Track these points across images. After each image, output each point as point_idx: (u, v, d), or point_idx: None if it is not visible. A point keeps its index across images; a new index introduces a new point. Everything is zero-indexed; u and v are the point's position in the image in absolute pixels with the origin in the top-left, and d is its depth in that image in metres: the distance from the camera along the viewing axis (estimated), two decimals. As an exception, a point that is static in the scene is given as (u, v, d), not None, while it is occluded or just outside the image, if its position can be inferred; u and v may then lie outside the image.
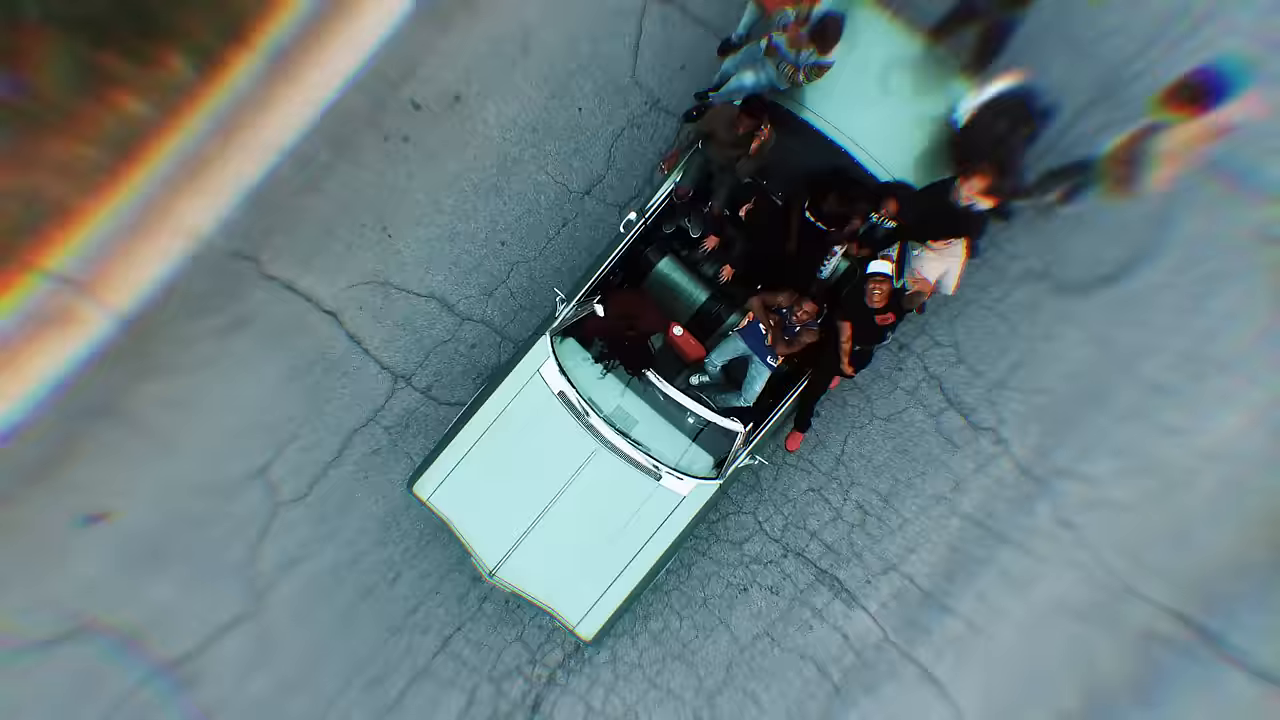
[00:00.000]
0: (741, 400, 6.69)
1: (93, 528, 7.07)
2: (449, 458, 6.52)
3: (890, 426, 7.52)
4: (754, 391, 6.67)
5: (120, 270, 7.09)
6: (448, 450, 6.53)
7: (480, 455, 6.47)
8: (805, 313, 6.37)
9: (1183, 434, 7.20)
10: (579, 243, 7.48)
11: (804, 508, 7.50)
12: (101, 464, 7.06)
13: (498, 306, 7.48)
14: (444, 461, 6.52)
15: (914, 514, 7.53)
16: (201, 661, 7.12)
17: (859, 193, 6.26)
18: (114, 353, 7.08)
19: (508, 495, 6.47)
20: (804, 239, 6.45)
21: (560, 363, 6.48)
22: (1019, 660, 7.29)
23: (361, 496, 7.48)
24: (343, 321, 7.46)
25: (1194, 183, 7.09)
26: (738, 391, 6.75)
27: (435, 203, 7.48)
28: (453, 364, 7.49)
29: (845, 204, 6.20)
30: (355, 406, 7.45)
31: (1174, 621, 7.18)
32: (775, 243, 6.50)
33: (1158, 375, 7.26)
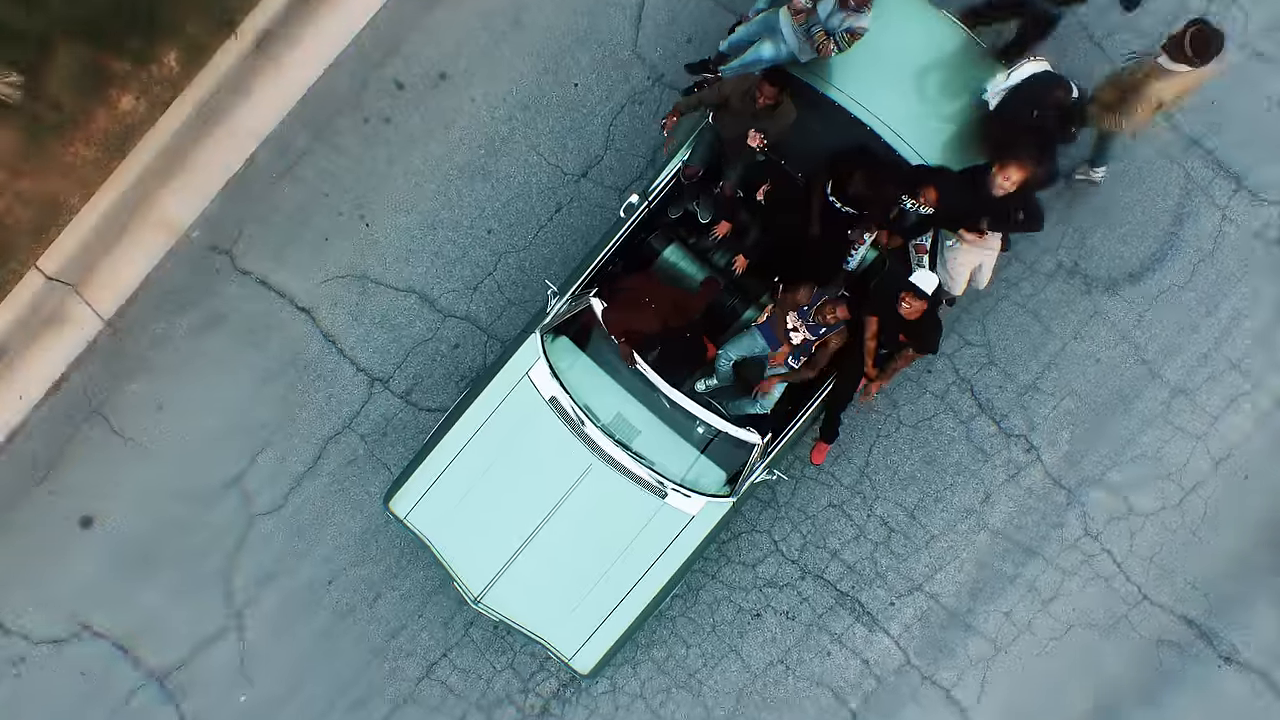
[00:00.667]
0: (758, 406, 6.01)
1: (87, 531, 6.85)
2: (427, 472, 5.89)
3: (918, 434, 6.91)
4: (771, 397, 5.99)
5: (106, 268, 6.85)
6: (426, 463, 5.91)
7: (462, 469, 5.85)
8: (835, 316, 5.68)
9: (1199, 438, 6.93)
10: (574, 230, 6.88)
11: (824, 525, 6.89)
12: (89, 466, 6.81)
13: (484, 301, 6.91)
14: (421, 476, 5.90)
15: (941, 529, 6.94)
16: (191, 671, 6.84)
17: (890, 174, 5.58)
18: (99, 352, 6.82)
19: (493, 514, 5.85)
20: (827, 224, 5.76)
21: (552, 364, 5.82)
22: (1041, 678, 6.93)
23: (337, 510, 6.98)
24: (317, 319, 6.94)
25: (1206, 179, 6.91)
26: (752, 397, 6.07)
27: (417, 188, 6.93)
28: (434, 365, 6.92)
29: (873, 185, 5.52)
30: (330, 412, 6.93)
31: (1183, 626, 6.91)
32: (794, 228, 5.81)
33: (1178, 377, 6.95)
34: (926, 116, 5.99)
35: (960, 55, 6.07)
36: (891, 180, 5.57)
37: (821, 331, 5.80)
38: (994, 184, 5.51)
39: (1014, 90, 5.80)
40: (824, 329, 5.79)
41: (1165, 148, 6.95)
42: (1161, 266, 6.95)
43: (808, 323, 5.82)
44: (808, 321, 5.82)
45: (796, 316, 5.85)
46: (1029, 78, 5.77)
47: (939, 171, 5.68)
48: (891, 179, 5.57)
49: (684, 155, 5.95)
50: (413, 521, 5.97)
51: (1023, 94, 5.76)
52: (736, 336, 6.16)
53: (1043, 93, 5.69)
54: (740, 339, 6.13)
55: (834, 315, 5.68)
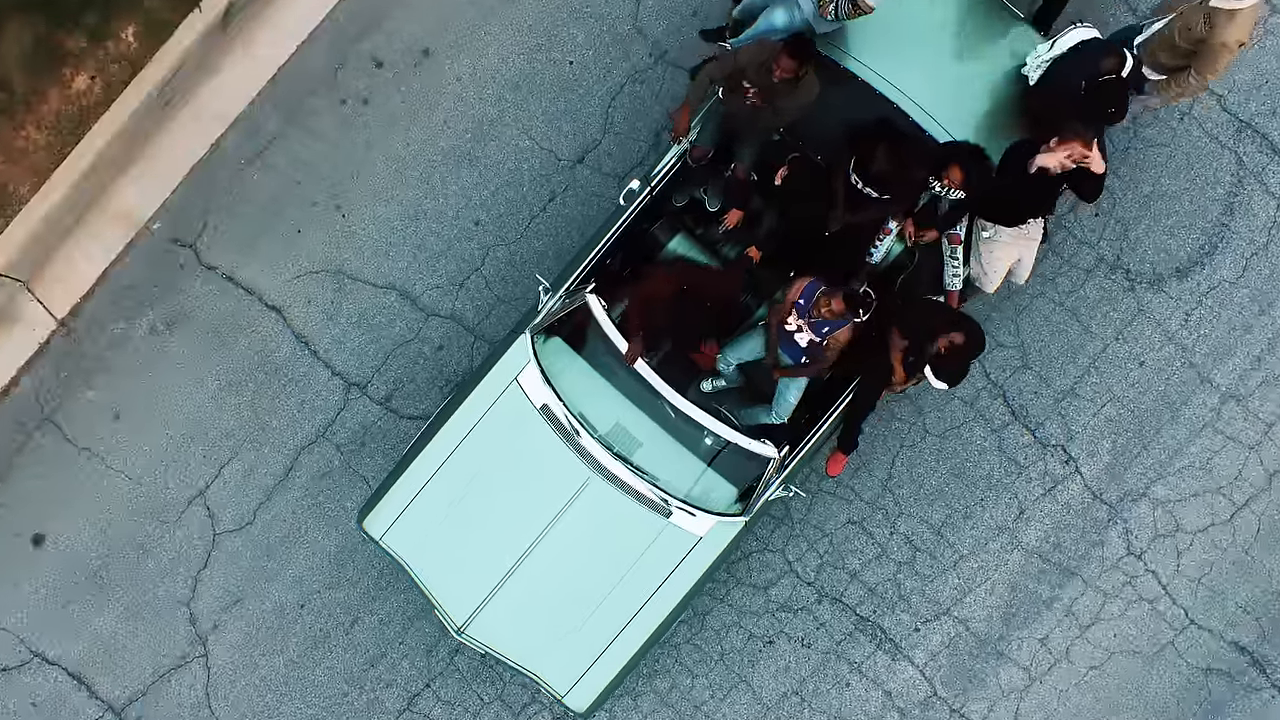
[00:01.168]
0: (772, 416, 5.43)
1: (38, 549, 6.43)
2: (404, 488, 5.35)
3: (946, 444, 6.38)
4: (787, 405, 5.41)
5: (59, 262, 6.46)
6: (403, 478, 5.37)
7: (443, 485, 5.31)
8: (831, 311, 5.08)
9: (1252, 448, 6.51)
10: (569, 221, 6.38)
11: (843, 544, 6.36)
12: (41, 479, 6.41)
13: (470, 299, 6.40)
14: (398, 492, 5.36)
15: (971, 548, 6.42)
16: (151, 702, 6.41)
17: (916, 151, 4.98)
18: (51, 354, 6.42)
19: (478, 535, 5.31)
20: (851, 211, 5.17)
21: (543, 368, 5.25)
22: (1079, 710, 6.52)
23: (310, 527, 6.48)
24: (289, 319, 6.46)
25: (1260, 164, 6.44)
26: (766, 406, 5.49)
27: (398, 176, 6.45)
28: (416, 369, 6.41)
29: (898, 162, 4.92)
30: (303, 420, 6.43)
31: (1234, 653, 6.54)
32: (815, 217, 5.22)
33: (1230, 381, 6.51)
34: (959, 93, 5.45)
35: (995, 25, 5.52)
36: (917, 157, 4.96)
37: (825, 330, 5.20)
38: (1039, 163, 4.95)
39: (1058, 61, 5.24)
40: (827, 326, 5.20)
41: (1215, 131, 6.43)
42: (1211, 261, 6.47)
43: (809, 320, 5.23)
44: (808, 319, 5.22)
45: (797, 315, 5.26)
46: (1075, 46, 5.20)
47: (968, 148, 5.10)
48: (917, 155, 4.97)
49: (691, 135, 5.36)
50: (389, 543, 5.41)
51: (1068, 65, 5.19)
52: (740, 337, 5.58)
53: (1091, 63, 5.12)
54: (743, 340, 5.55)
55: (829, 309, 5.07)
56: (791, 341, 5.33)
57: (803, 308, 5.20)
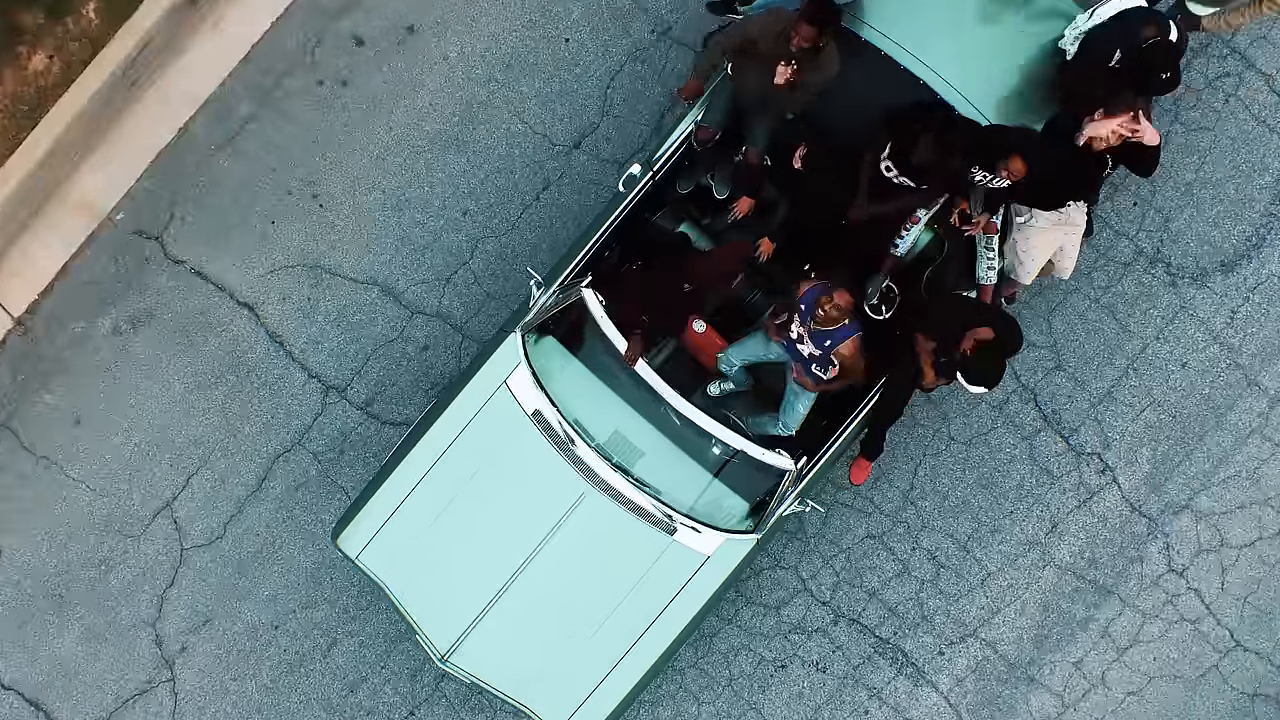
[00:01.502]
0: (779, 427, 4.94)
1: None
2: (383, 502, 4.89)
3: (972, 452, 5.93)
4: (796, 416, 4.93)
5: (15, 256, 6.10)
6: (381, 491, 4.91)
7: (425, 499, 4.84)
8: (835, 307, 4.59)
9: None
10: (565, 210, 5.95)
11: (861, 560, 5.90)
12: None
13: (458, 295, 5.96)
14: (376, 507, 4.89)
15: (1000, 565, 5.96)
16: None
17: (965, 139, 4.46)
18: (7, 354, 6.06)
19: (464, 554, 4.85)
20: (877, 199, 4.68)
21: (535, 370, 4.77)
22: None
23: (286, 541, 6.05)
24: (262, 316, 6.04)
25: None
26: (775, 414, 5.00)
27: (379, 162, 6.02)
28: (399, 371, 5.97)
29: (944, 151, 4.41)
30: (277, 426, 6.00)
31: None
32: (835, 206, 4.73)
33: (1279, 385, 6.06)
34: (989, 68, 4.96)
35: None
36: (966, 146, 4.46)
37: (827, 344, 4.71)
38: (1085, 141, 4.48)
39: (1096, 31, 4.76)
40: (828, 339, 4.70)
41: (1263, 114, 5.98)
42: (1259, 253, 6.01)
43: (808, 329, 4.73)
44: (808, 327, 4.73)
45: (799, 322, 4.77)
46: (1115, 15, 4.72)
47: (1025, 134, 4.61)
48: (967, 143, 4.46)
49: (696, 114, 4.88)
50: (365, 562, 4.93)
51: (1107, 35, 4.72)
52: (747, 337, 5.09)
53: (1131, 33, 4.64)
54: (748, 341, 5.06)
55: (828, 310, 4.55)
56: (795, 350, 4.84)
57: (804, 314, 4.71)
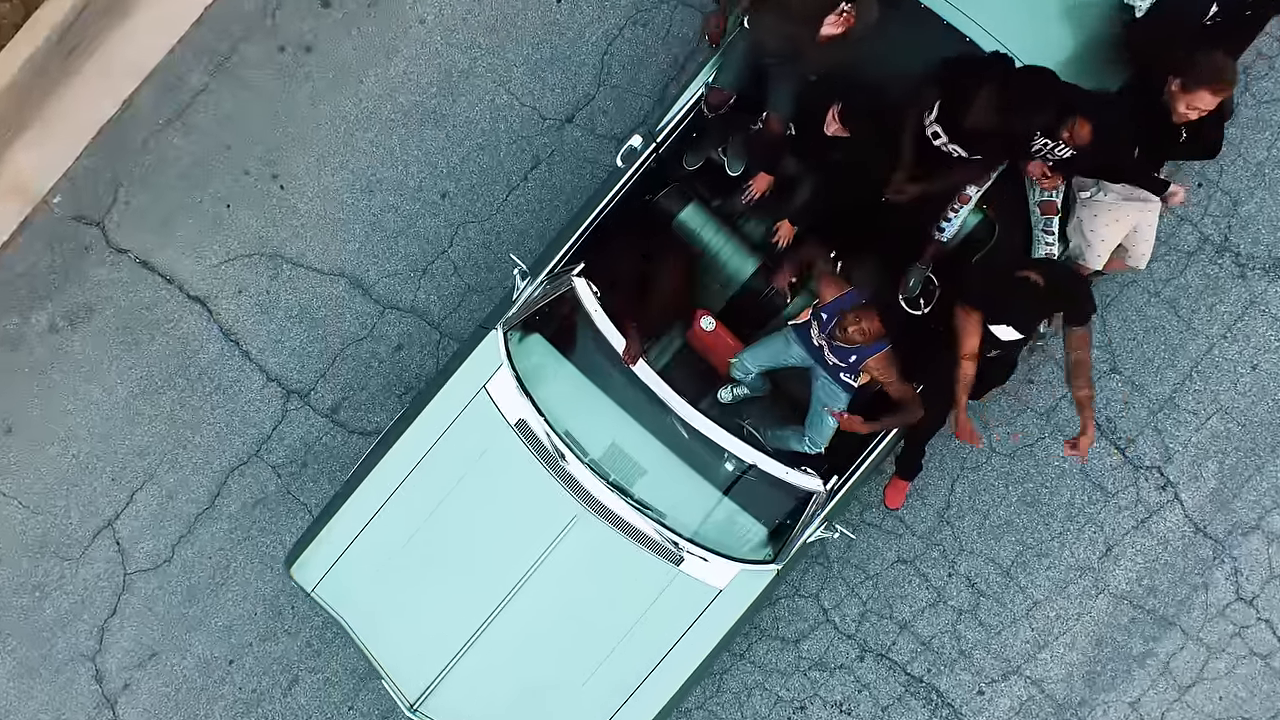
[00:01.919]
0: (805, 443, 4.26)
1: None
2: (343, 525, 4.22)
3: (1016, 466, 5.24)
4: (826, 430, 4.24)
5: None
6: (342, 513, 4.24)
7: (391, 523, 4.17)
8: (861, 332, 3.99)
9: None
10: (556, 192, 5.30)
11: (890, 587, 5.23)
12: None
13: (435, 288, 5.31)
14: (336, 531, 4.22)
15: (1047, 593, 5.29)
16: None
17: (1030, 99, 3.76)
18: None
19: (436, 587, 4.18)
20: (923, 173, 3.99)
21: (519, 373, 4.10)
22: None
23: (241, 565, 5.38)
24: (215, 312, 5.41)
25: None
26: (798, 427, 4.32)
27: (348, 139, 5.37)
28: (369, 373, 5.33)
29: (1009, 113, 3.71)
30: (232, 435, 5.36)
31: None
32: (872, 181, 4.04)
33: None
34: (1043, 24, 4.29)
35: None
36: (1032, 106, 3.74)
37: (852, 359, 4.06)
38: (1174, 108, 3.80)
39: None
40: (853, 354, 4.05)
41: (1342, 84, 5.26)
42: (1338, 241, 5.34)
43: (830, 341, 4.09)
44: (830, 339, 4.09)
45: (818, 330, 4.13)
46: None
47: (1096, 97, 3.91)
48: (1032, 105, 3.75)
49: (708, 75, 4.20)
50: (323, 596, 4.26)
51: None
52: (764, 339, 4.42)
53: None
54: (768, 343, 4.39)
55: (859, 330, 3.93)
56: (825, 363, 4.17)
57: (825, 324, 4.05)
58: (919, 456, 4.61)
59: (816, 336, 4.12)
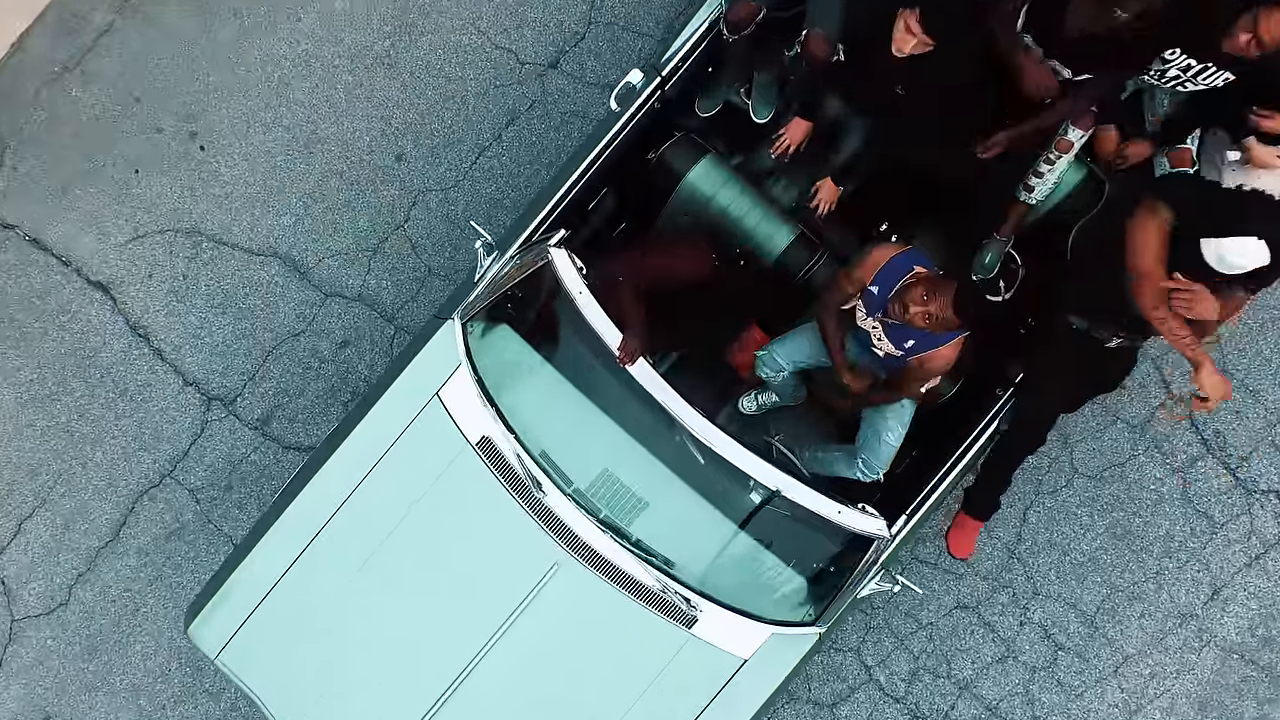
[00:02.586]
0: (858, 469, 3.29)
1: None
2: (252, 575, 3.23)
3: (1103, 490, 4.31)
4: (885, 451, 3.28)
5: None
6: (252, 559, 3.25)
7: (314, 573, 3.22)
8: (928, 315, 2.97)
9: None
10: (536, 152, 4.38)
11: (948, 640, 4.30)
12: None
13: (389, 272, 4.37)
14: (243, 583, 3.23)
15: (1141, 646, 4.37)
16: None
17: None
18: None
19: (373, 657, 3.20)
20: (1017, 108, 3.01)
21: (481, 377, 3.13)
22: None
23: (153, 610, 4.44)
24: (121, 301, 4.51)
25: None
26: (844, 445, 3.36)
27: (281, 90, 4.45)
28: (308, 376, 4.41)
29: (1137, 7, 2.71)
30: (142, 452, 4.43)
31: None
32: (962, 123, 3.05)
33: None
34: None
35: None
36: None
37: (909, 345, 3.09)
38: None
39: None
40: (912, 339, 3.10)
41: None
42: None
43: (884, 321, 3.13)
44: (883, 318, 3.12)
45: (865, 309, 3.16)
46: None
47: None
48: None
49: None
50: (229, 664, 3.28)
51: None
52: (800, 328, 3.46)
53: None
54: (805, 333, 3.42)
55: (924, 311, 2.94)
56: (868, 345, 3.22)
57: (876, 299, 3.08)
58: (1001, 489, 3.60)
59: (862, 317, 3.14)
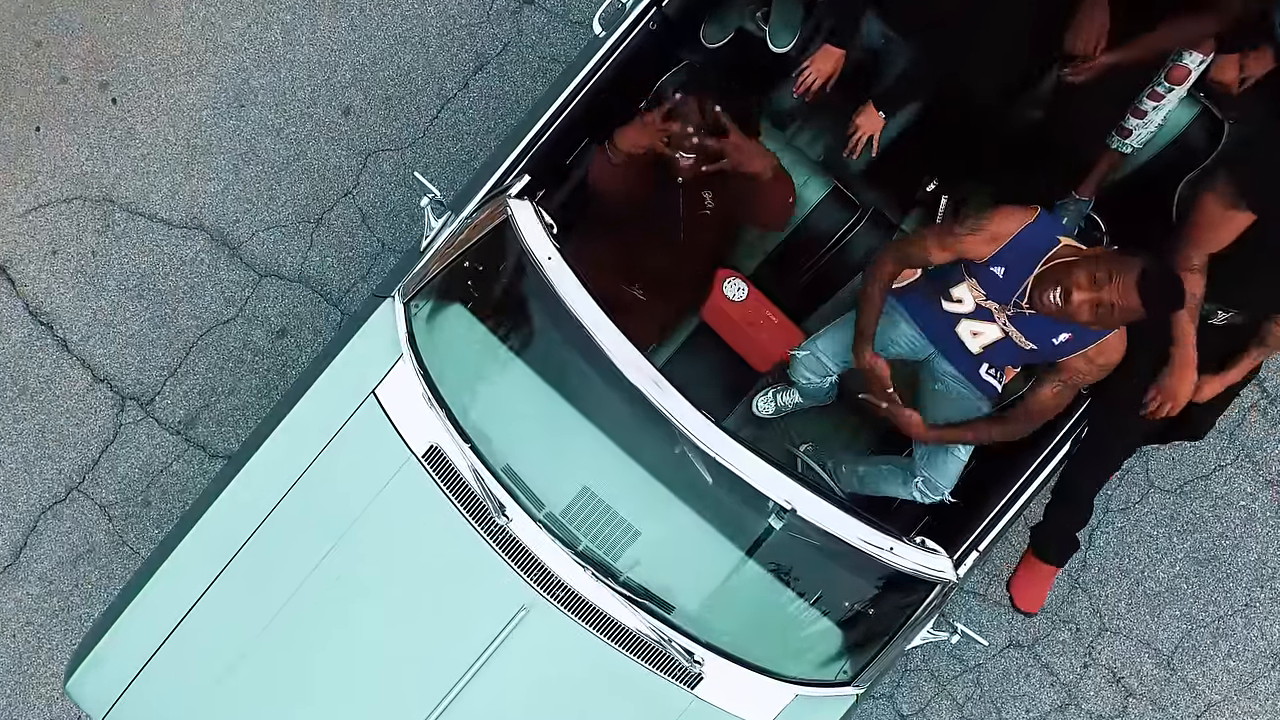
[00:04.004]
0: (915, 485, 2.61)
1: None
2: (141, 622, 2.58)
3: (1184, 508, 3.68)
4: (955, 464, 2.58)
5: None
6: (143, 598, 2.64)
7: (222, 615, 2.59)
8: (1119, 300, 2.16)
9: None
10: (510, 104, 3.77)
11: (1000, 684, 3.67)
12: None
13: (334, 246, 3.72)
14: (130, 631, 2.58)
15: (1229, 691, 3.76)
16: None
17: None
18: None
19: (301, 719, 2.53)
20: None
21: (429, 371, 2.48)
22: None
23: (59, 645, 3.80)
24: (19, 282, 3.89)
25: None
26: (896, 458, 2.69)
27: (206, 31, 3.82)
28: (240, 370, 3.79)
29: None
30: (44, 461, 3.79)
31: None
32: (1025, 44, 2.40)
33: None
34: None
35: None
36: None
37: (1062, 339, 2.35)
38: None
39: None
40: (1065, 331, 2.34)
41: None
42: None
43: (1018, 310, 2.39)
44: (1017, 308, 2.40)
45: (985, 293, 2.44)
46: None
47: None
48: None
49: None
50: (116, 733, 2.62)
51: None
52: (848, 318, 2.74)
53: None
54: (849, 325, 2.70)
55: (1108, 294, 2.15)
56: (964, 351, 2.52)
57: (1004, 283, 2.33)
58: (1080, 524, 2.89)
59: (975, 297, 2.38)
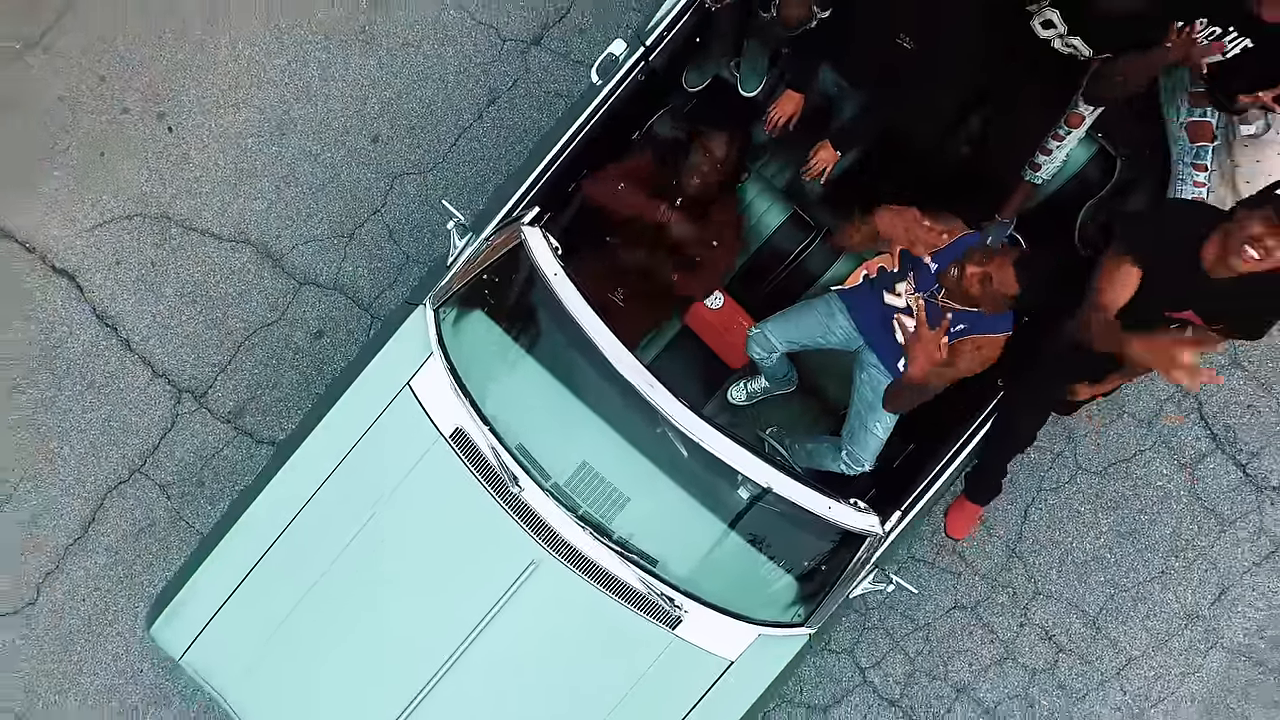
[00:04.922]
0: (841, 461, 3.15)
1: None
2: (215, 574, 3.07)
3: (1108, 486, 4.14)
4: (872, 444, 3.13)
5: None
6: (215, 557, 3.10)
7: (281, 570, 3.08)
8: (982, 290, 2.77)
9: None
10: (518, 134, 4.21)
11: (946, 641, 4.14)
12: None
13: (365, 258, 4.19)
14: (208, 580, 3.09)
15: (1145, 648, 4.20)
16: None
17: None
18: None
19: (345, 658, 3.07)
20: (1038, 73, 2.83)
21: (455, 366, 2.98)
22: None
23: (124, 609, 4.25)
24: (87, 289, 4.32)
25: None
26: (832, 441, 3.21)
27: (254, 68, 4.26)
28: (282, 367, 4.23)
29: None
30: (110, 447, 4.24)
31: None
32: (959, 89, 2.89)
33: None
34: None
35: None
36: None
37: (960, 327, 2.93)
38: None
39: None
40: (964, 321, 2.89)
41: None
42: None
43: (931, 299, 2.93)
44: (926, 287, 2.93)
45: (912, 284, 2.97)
46: None
47: None
48: None
49: (714, -49, 3.06)
50: (194, 666, 3.13)
51: None
52: (798, 307, 3.29)
53: None
54: (802, 312, 3.25)
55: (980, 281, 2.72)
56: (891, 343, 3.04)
57: (930, 276, 2.90)
58: (1000, 475, 3.47)
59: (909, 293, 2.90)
